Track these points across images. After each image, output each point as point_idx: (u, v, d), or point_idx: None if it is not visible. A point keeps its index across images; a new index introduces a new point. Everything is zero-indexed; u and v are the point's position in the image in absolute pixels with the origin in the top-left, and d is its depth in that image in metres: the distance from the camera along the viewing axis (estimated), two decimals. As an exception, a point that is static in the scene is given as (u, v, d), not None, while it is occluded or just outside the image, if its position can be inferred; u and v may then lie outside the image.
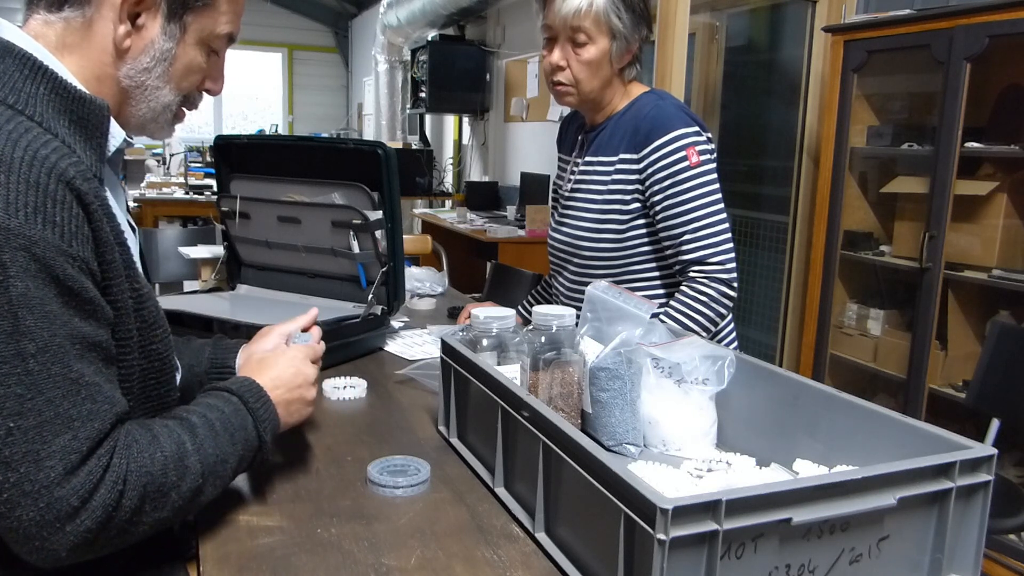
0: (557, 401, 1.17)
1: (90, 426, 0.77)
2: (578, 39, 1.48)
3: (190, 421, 0.89)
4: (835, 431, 0.97)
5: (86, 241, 0.79)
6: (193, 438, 0.87)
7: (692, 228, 1.48)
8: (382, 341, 1.76)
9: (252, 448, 0.95)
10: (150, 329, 0.91)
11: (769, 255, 3.61)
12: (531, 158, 5.68)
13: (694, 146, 1.48)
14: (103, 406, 0.79)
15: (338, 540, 0.91)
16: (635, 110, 1.56)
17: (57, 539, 0.75)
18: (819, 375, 2.93)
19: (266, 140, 2.94)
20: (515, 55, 5.92)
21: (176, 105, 0.98)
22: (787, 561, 0.73)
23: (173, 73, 0.95)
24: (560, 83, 1.54)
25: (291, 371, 1.04)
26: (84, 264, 0.79)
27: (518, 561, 0.88)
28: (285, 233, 1.84)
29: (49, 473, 0.74)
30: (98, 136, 0.89)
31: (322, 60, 10.12)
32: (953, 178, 2.41)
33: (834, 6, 3.12)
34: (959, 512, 0.81)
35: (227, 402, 0.95)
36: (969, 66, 2.35)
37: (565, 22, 1.47)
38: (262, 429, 0.96)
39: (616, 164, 1.55)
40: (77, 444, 0.76)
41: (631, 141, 1.53)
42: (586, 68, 1.50)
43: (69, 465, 0.75)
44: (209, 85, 1.01)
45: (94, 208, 0.81)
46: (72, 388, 0.76)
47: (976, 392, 2.11)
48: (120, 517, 0.78)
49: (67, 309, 0.77)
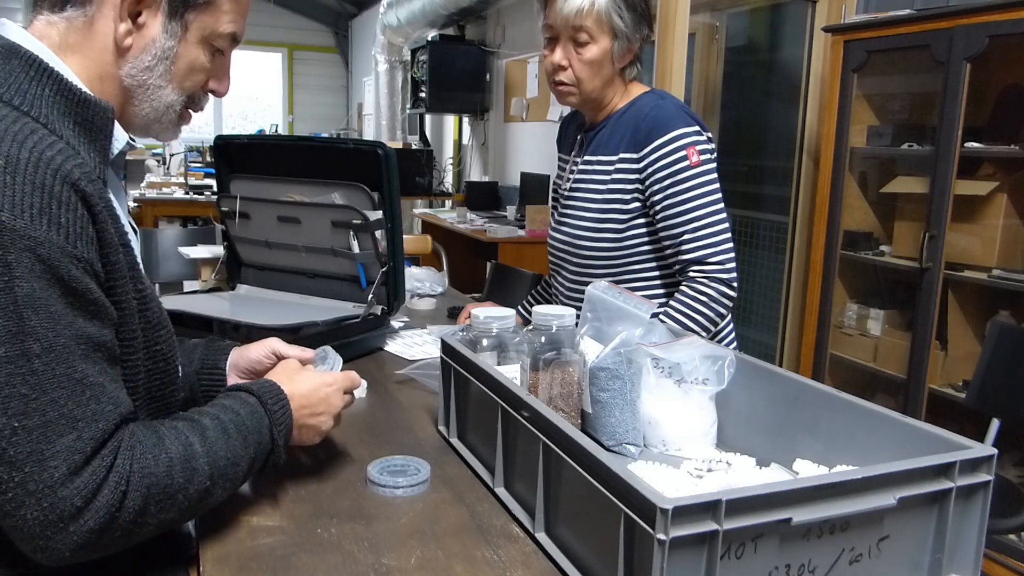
0: (557, 401, 1.17)
1: (94, 426, 0.77)
2: (580, 39, 1.48)
3: (201, 423, 0.89)
4: (835, 431, 0.97)
5: (90, 242, 0.80)
6: (203, 440, 0.87)
7: (692, 228, 1.48)
8: (382, 341, 1.76)
9: (265, 451, 0.95)
10: (154, 330, 0.92)
11: (769, 255, 3.61)
12: (531, 158, 5.68)
13: (694, 146, 1.48)
14: (107, 407, 0.79)
15: (338, 540, 0.91)
16: (635, 110, 1.56)
17: (61, 539, 0.75)
18: (819, 375, 2.93)
19: (266, 140, 2.94)
20: (515, 55, 5.92)
21: (180, 105, 0.98)
22: (787, 561, 0.73)
23: (175, 72, 0.94)
24: (562, 83, 1.54)
25: (321, 395, 1.03)
26: (89, 265, 0.79)
27: (518, 561, 0.88)
28: (285, 233, 1.84)
29: (53, 473, 0.74)
30: (102, 138, 0.89)
31: (322, 60, 10.12)
32: (953, 178, 2.41)
33: (834, 6, 3.12)
34: (959, 512, 0.81)
35: (244, 403, 0.95)
36: (969, 66, 2.35)
37: (567, 22, 1.47)
38: (277, 432, 0.96)
39: (616, 164, 1.55)
40: (81, 444, 0.76)
41: (631, 140, 1.53)
42: (588, 68, 1.50)
43: (73, 465, 0.75)
44: (214, 86, 1.01)
45: (99, 210, 0.81)
46: (76, 388, 0.76)
47: (976, 392, 2.11)
48: (123, 518, 0.78)
49: (72, 310, 0.77)
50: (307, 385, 1.03)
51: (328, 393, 1.04)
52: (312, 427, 1.02)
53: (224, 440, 0.89)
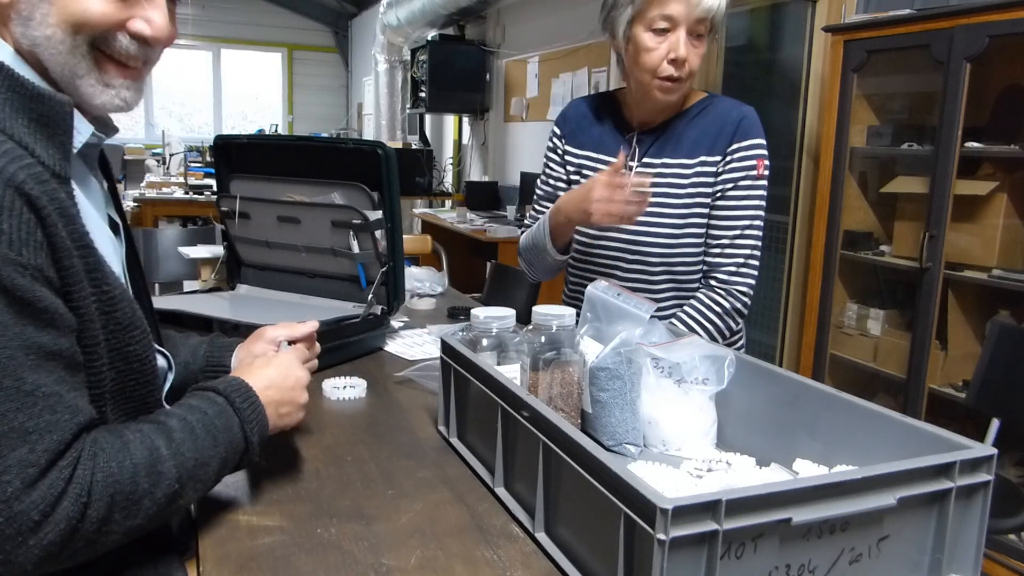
0: (557, 401, 1.17)
1: (48, 438, 0.74)
2: (699, 31, 1.44)
3: (167, 425, 0.87)
4: (835, 431, 0.97)
5: (39, 248, 0.76)
6: (169, 442, 0.85)
7: (735, 235, 1.51)
8: (382, 341, 1.75)
9: (238, 450, 0.93)
10: (125, 331, 0.88)
11: (769, 255, 3.61)
12: (531, 158, 5.68)
13: (764, 159, 1.52)
14: (63, 416, 0.76)
15: (338, 540, 0.91)
16: (715, 113, 1.54)
17: (21, 552, 0.72)
18: (819, 375, 2.93)
19: (266, 140, 2.94)
20: (515, 55, 5.92)
21: (86, 47, 0.86)
22: (787, 561, 0.73)
23: (59, 13, 0.83)
24: (678, 78, 1.46)
25: (282, 372, 1.03)
26: (37, 272, 0.75)
27: (518, 561, 0.88)
28: (285, 233, 1.84)
29: (6, 488, 0.71)
30: (60, 133, 0.84)
31: (322, 60, 10.12)
32: (953, 178, 2.41)
33: (834, 6, 3.12)
34: (959, 512, 0.81)
35: (211, 403, 0.93)
36: (969, 66, 2.35)
37: (697, 15, 1.41)
38: (249, 431, 0.94)
39: (695, 167, 1.53)
40: (35, 457, 0.73)
41: (712, 144, 1.52)
42: (698, 61, 1.47)
43: (27, 479, 0.72)
44: (135, 27, 0.88)
45: (47, 213, 0.76)
46: (27, 401, 0.74)
47: (976, 392, 2.11)
48: (86, 528, 0.76)
49: (19, 319, 0.74)
50: (267, 368, 1.02)
51: (287, 369, 1.03)
52: (287, 402, 1.02)
53: (192, 441, 0.87)
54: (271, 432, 1.01)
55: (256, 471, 1.07)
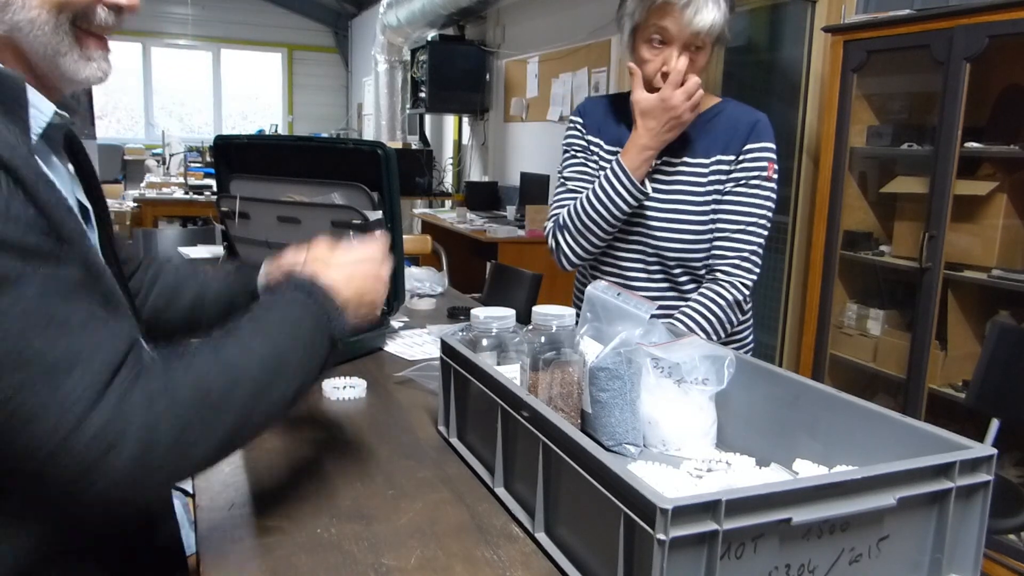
0: (557, 401, 1.17)
1: (100, 356, 0.71)
2: (697, 44, 1.49)
3: (233, 326, 0.84)
4: (835, 431, 0.97)
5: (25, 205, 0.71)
6: (237, 340, 0.82)
7: (742, 230, 1.53)
8: (382, 341, 1.76)
9: (322, 343, 0.91)
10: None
11: (769, 255, 3.59)
12: (531, 158, 5.68)
13: (773, 163, 1.56)
14: (109, 333, 0.74)
15: (338, 540, 0.91)
16: (729, 116, 1.59)
17: (100, 478, 0.69)
18: (819, 375, 2.93)
19: (266, 140, 2.95)
20: (515, 55, 5.92)
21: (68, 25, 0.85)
22: (787, 561, 0.73)
23: None
24: None
25: (364, 271, 1.01)
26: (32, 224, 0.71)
27: (518, 561, 0.88)
28: (285, 233, 1.84)
29: (70, 412, 0.68)
30: (17, 109, 0.80)
31: (322, 60, 10.12)
32: (953, 178, 2.42)
33: (834, 6, 3.12)
34: (959, 512, 0.81)
35: (279, 300, 0.91)
36: (969, 66, 2.35)
37: (692, 33, 1.46)
38: (334, 320, 0.93)
39: (711, 167, 1.57)
40: (91, 378, 0.70)
41: (727, 144, 1.56)
42: (697, 73, 1.52)
43: (90, 399, 0.69)
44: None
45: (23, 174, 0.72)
46: (64, 329, 0.71)
47: (976, 392, 2.11)
48: (164, 439, 0.73)
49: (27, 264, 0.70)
50: (347, 267, 1.00)
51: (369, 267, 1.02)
52: (368, 307, 1.01)
53: (264, 336, 0.84)
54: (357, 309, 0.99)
55: (256, 471, 1.07)
